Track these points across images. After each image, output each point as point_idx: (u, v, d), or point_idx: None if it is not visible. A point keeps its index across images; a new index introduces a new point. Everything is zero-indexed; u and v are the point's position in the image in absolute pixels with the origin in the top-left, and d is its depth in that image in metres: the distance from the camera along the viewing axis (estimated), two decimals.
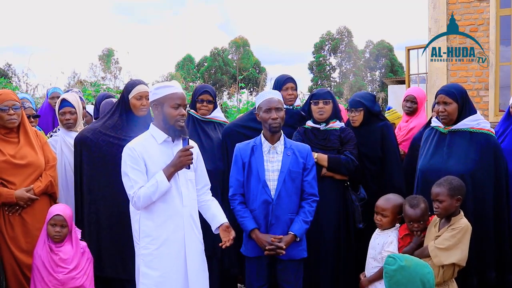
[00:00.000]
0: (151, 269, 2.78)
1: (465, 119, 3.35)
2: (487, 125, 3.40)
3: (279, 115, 3.27)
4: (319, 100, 3.74)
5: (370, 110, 3.86)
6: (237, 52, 44.38)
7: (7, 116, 3.36)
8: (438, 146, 3.44)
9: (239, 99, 12.54)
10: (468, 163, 3.26)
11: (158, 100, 2.83)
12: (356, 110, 3.87)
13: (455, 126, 3.37)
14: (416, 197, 3.18)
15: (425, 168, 3.44)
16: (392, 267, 2.36)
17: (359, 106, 3.85)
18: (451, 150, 3.36)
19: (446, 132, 3.42)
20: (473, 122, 3.35)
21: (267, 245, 3.20)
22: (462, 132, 3.36)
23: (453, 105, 3.33)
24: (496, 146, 3.35)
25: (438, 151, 3.42)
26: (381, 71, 43.43)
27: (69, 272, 3.11)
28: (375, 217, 3.32)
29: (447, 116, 3.35)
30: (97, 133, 3.54)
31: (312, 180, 3.36)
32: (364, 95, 4.00)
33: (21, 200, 3.32)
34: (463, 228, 2.96)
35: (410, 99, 4.74)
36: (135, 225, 2.86)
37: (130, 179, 2.76)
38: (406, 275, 2.33)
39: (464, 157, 3.29)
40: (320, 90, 3.88)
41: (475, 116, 3.37)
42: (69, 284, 3.10)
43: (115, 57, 37.78)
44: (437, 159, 3.40)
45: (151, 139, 2.86)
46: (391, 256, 2.41)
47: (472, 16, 7.49)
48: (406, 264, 2.34)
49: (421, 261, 2.47)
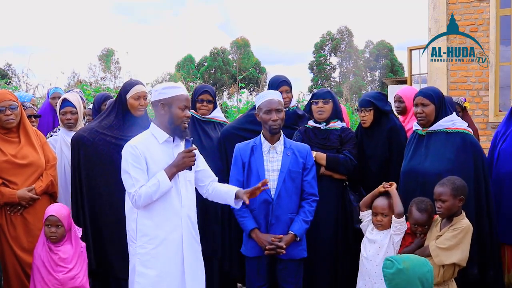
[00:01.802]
0: (147, 269, 2.78)
1: (440, 120, 3.40)
2: (463, 124, 3.44)
3: (279, 116, 3.28)
4: (319, 100, 3.74)
5: (381, 110, 3.83)
6: (237, 52, 44.39)
7: (5, 117, 3.37)
8: (417, 148, 3.49)
9: (239, 99, 12.54)
10: (444, 163, 3.29)
11: (166, 100, 2.83)
12: (366, 110, 3.83)
13: (432, 127, 3.42)
14: (424, 200, 3.14)
15: (405, 169, 3.50)
16: (390, 270, 2.35)
17: (368, 105, 3.82)
18: (428, 151, 3.40)
19: (424, 134, 3.47)
20: (448, 123, 3.40)
21: (267, 245, 3.20)
22: (438, 133, 3.41)
23: (431, 107, 3.40)
24: (473, 145, 3.38)
25: (417, 153, 3.47)
26: (381, 71, 43.41)
27: (69, 271, 3.11)
28: (375, 218, 3.31)
29: (425, 118, 3.42)
30: (93, 132, 3.54)
31: (312, 180, 3.37)
32: (374, 94, 3.96)
33: (23, 200, 3.33)
34: (464, 228, 2.96)
35: (397, 99, 4.77)
36: (132, 224, 2.85)
37: (131, 177, 2.75)
38: (404, 278, 2.32)
39: (440, 157, 3.33)
40: (320, 90, 3.88)
41: (450, 116, 3.42)
42: (68, 284, 3.09)
43: (115, 57, 37.79)
44: (415, 161, 3.44)
45: (152, 138, 2.86)
46: (389, 259, 2.39)
47: (472, 16, 7.50)
48: (404, 266, 2.33)
49: (420, 260, 2.45)
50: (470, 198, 3.25)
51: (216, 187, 3.05)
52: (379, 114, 3.83)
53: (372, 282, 3.22)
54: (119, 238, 3.32)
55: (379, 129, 3.83)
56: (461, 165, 3.30)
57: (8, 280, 3.32)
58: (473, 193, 3.29)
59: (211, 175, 3.08)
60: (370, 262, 3.25)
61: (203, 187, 3.05)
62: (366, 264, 3.28)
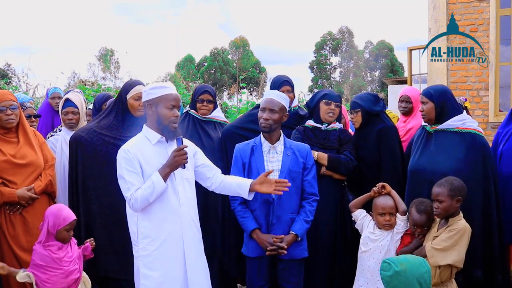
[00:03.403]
0: (151, 270, 2.78)
1: (450, 119, 3.39)
2: (473, 124, 3.43)
3: (270, 116, 3.25)
4: (332, 101, 3.72)
5: (368, 111, 3.80)
6: (237, 52, 44.38)
7: (5, 117, 3.38)
8: (425, 146, 3.49)
9: (239, 99, 12.54)
10: (453, 162, 3.28)
11: (152, 100, 2.82)
12: (354, 112, 3.85)
13: (441, 126, 3.42)
14: (424, 202, 3.12)
15: (413, 168, 3.49)
16: (387, 273, 2.35)
17: (356, 107, 3.83)
18: (437, 149, 3.40)
19: (433, 131, 3.46)
20: (458, 122, 3.40)
21: (268, 245, 3.20)
22: (448, 132, 3.41)
23: (429, 104, 3.43)
24: (483, 145, 3.37)
25: (425, 151, 3.47)
26: (381, 71, 43.40)
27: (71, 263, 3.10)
28: (384, 219, 3.23)
29: (425, 115, 3.47)
30: (91, 132, 3.54)
31: (312, 180, 3.36)
32: (363, 95, 3.96)
33: (23, 199, 3.34)
34: (460, 229, 2.95)
35: (404, 99, 4.71)
36: (133, 227, 2.85)
37: (126, 181, 2.75)
38: (402, 280, 2.32)
39: (449, 156, 3.32)
40: (332, 92, 3.85)
41: (460, 116, 3.42)
42: (72, 275, 3.08)
43: (115, 57, 37.77)
44: (423, 159, 3.44)
45: (145, 140, 2.86)
46: (386, 261, 2.39)
47: (472, 16, 7.49)
48: (402, 268, 2.33)
49: (417, 261, 2.44)
50: (478, 199, 3.24)
51: (225, 179, 3.05)
52: (367, 115, 3.80)
53: (375, 279, 3.20)
54: (119, 238, 3.33)
55: (368, 130, 3.80)
56: (469, 165, 3.28)
57: (8, 280, 3.31)
58: (481, 193, 3.27)
59: (213, 167, 3.07)
60: (373, 260, 3.23)
61: (207, 179, 3.04)
62: (368, 262, 3.26)
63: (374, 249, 3.25)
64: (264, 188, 2.96)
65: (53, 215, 3.09)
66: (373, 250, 3.26)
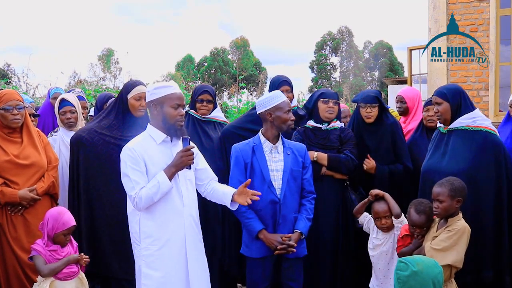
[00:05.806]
0: (153, 270, 2.78)
1: (460, 117, 3.35)
2: (485, 122, 3.37)
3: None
4: (330, 99, 3.74)
5: (383, 107, 3.93)
6: (237, 52, 44.36)
7: (11, 116, 3.38)
8: (437, 146, 3.47)
9: (239, 99, 12.55)
10: (462, 162, 3.25)
11: (157, 100, 2.82)
12: (371, 106, 3.87)
13: (452, 125, 3.38)
14: (423, 202, 3.12)
15: (424, 168, 3.48)
16: (404, 273, 2.34)
17: (375, 102, 3.86)
18: (447, 149, 3.37)
19: (445, 132, 3.44)
20: (468, 120, 3.34)
21: (277, 245, 3.18)
22: (459, 131, 3.36)
23: (444, 105, 3.37)
24: (495, 145, 3.31)
25: (437, 151, 3.45)
26: (381, 71, 43.38)
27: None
28: (379, 222, 3.31)
29: (441, 116, 3.40)
30: (92, 132, 3.54)
31: (310, 178, 3.41)
32: (378, 92, 4.04)
33: (24, 200, 3.33)
34: (459, 229, 2.93)
35: (399, 99, 4.78)
36: (135, 227, 2.84)
37: (131, 180, 2.75)
38: (419, 280, 2.31)
39: (458, 156, 3.29)
40: (329, 91, 3.90)
41: (471, 113, 3.36)
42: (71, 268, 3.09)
43: (115, 57, 37.76)
44: (434, 159, 3.43)
45: (150, 139, 2.86)
46: (403, 261, 2.38)
47: (472, 16, 7.50)
48: (418, 268, 2.32)
49: (431, 262, 2.44)
50: (489, 199, 3.22)
51: (215, 187, 3.04)
52: (381, 110, 3.90)
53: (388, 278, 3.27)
54: (120, 238, 3.32)
55: (382, 124, 3.88)
56: (480, 165, 3.24)
57: (8, 280, 3.32)
58: (493, 193, 3.24)
59: (210, 175, 3.07)
60: (381, 263, 3.31)
61: (201, 185, 3.05)
62: (377, 265, 3.34)
63: (380, 253, 3.32)
64: (240, 199, 2.94)
65: (53, 218, 3.08)
66: (380, 254, 3.32)
